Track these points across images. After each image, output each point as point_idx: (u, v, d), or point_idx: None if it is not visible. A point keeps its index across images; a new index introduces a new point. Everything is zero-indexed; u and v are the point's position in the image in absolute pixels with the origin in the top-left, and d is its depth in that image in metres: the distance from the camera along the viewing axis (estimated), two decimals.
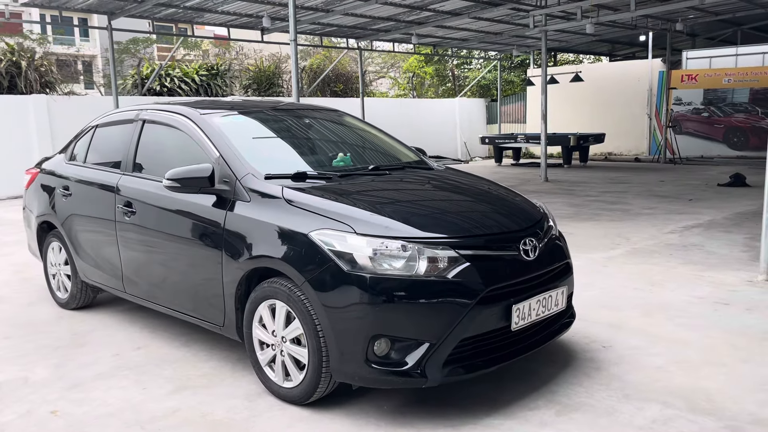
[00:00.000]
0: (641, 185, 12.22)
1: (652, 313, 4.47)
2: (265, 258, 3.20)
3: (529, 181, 13.55)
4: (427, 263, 2.91)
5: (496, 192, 3.83)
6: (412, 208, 3.38)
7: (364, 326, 2.87)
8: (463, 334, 2.90)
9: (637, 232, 7.38)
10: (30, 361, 3.92)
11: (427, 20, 15.19)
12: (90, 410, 3.23)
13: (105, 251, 4.38)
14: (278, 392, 3.26)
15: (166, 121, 4.11)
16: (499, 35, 17.83)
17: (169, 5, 12.42)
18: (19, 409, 3.26)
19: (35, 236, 5.27)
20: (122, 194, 4.16)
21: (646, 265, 5.83)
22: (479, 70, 26.35)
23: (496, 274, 3.03)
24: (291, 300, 3.07)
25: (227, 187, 3.49)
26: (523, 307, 3.07)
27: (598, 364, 3.60)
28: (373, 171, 3.86)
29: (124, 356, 3.97)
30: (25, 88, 14.31)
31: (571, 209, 9.33)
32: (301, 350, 3.10)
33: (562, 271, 3.43)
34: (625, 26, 16.97)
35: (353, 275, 2.88)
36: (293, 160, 3.93)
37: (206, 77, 17.77)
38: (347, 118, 4.77)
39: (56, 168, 5.06)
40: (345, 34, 16.84)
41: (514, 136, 18.40)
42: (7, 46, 15.02)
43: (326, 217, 3.08)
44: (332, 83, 20.97)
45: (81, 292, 4.87)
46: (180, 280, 3.81)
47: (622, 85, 19.83)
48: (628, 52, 24.47)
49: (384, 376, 2.90)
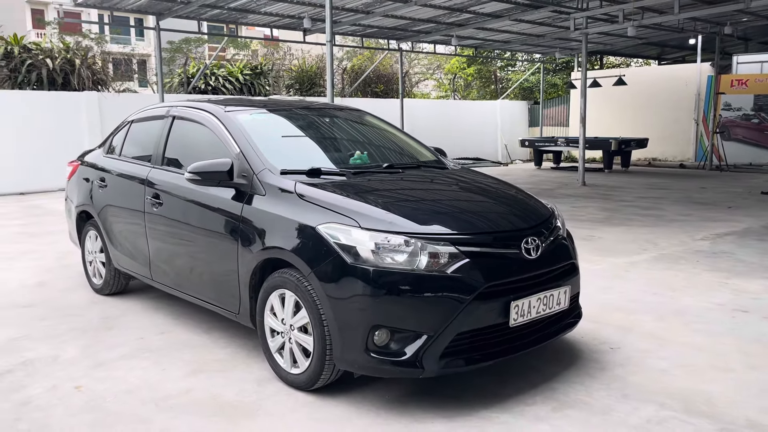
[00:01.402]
0: (680, 191, 11.98)
1: (667, 317, 4.46)
2: (277, 249, 3.35)
3: (566, 185, 13.44)
4: (428, 258, 3.01)
5: (504, 191, 3.90)
6: (418, 205, 3.48)
7: (365, 317, 2.98)
8: (460, 328, 2.99)
9: (667, 238, 7.28)
10: (62, 341, 4.17)
11: (468, 22, 15.21)
12: (110, 387, 3.44)
13: (135, 240, 4.61)
14: (286, 378, 3.40)
15: (193, 117, 4.32)
16: (541, 37, 17.70)
17: (214, 6, 12.80)
18: (46, 384, 3.49)
19: (74, 225, 5.57)
20: (151, 186, 4.39)
21: (670, 271, 5.78)
22: (523, 72, 26.15)
23: (495, 271, 3.11)
24: (299, 290, 3.21)
25: (245, 181, 3.66)
26: (522, 304, 3.14)
27: (603, 364, 3.63)
28: (386, 169, 3.98)
29: (148, 340, 4.19)
30: (78, 85, 14.94)
31: (604, 213, 9.25)
32: (307, 338, 3.24)
33: (566, 271, 3.48)
34: (672, 29, 16.62)
35: (356, 267, 3.00)
36: (311, 157, 4.07)
37: (250, 76, 18.19)
38: (368, 117, 4.90)
39: (95, 160, 5.34)
40: (386, 35, 16.99)
41: (554, 140, 18.22)
42: (63, 44, 15.70)
43: (334, 211, 3.21)
44: (373, 84, 21.16)
45: (114, 278, 5.13)
46: (201, 269, 4.00)
47: (669, 90, 19.42)
48: (677, 56, 23.89)
49: (383, 365, 3.01)
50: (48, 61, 14.61)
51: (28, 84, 14.60)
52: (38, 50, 15.07)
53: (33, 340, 4.21)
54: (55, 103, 13.57)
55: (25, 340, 4.20)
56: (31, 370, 3.69)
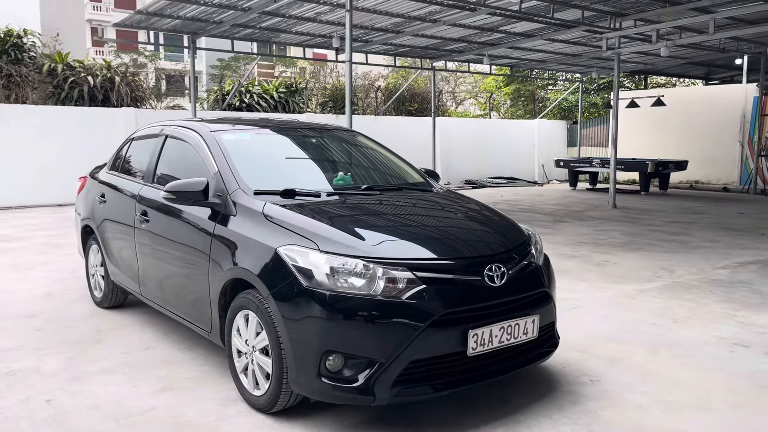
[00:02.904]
0: (715, 216, 11.56)
1: (660, 350, 4.27)
2: (242, 270, 3.36)
3: (596, 207, 13.13)
4: (385, 283, 2.97)
5: (480, 215, 3.82)
6: (384, 228, 3.43)
7: (318, 340, 2.95)
8: (413, 356, 2.93)
9: (685, 266, 7.01)
10: (47, 353, 4.26)
11: (500, 41, 15.13)
12: (79, 401, 3.49)
13: (127, 255, 4.71)
14: (249, 399, 3.39)
15: (181, 136, 4.40)
16: (577, 57, 17.45)
17: (246, 26, 13.09)
18: (20, 396, 3.57)
19: (80, 238, 5.73)
20: (141, 203, 4.47)
21: (678, 300, 5.55)
22: (562, 92, 25.80)
23: (454, 298, 3.03)
24: (260, 311, 3.20)
25: (219, 201, 3.69)
26: (482, 333, 3.05)
27: (576, 397, 3.50)
28: (364, 191, 3.96)
29: (132, 355, 4.25)
30: (117, 102, 15.45)
31: (625, 238, 8.98)
32: (267, 360, 3.22)
33: (536, 300, 3.37)
34: (714, 49, 16.14)
35: (311, 291, 2.98)
36: (292, 178, 4.08)
37: (285, 94, 18.48)
38: (360, 138, 4.90)
39: (99, 176, 5.49)
40: (418, 54, 17.05)
41: (590, 160, 17.88)
42: (105, 62, 16.30)
43: (296, 233, 3.21)
44: (407, 102, 21.22)
45: (112, 292, 5.23)
46: (178, 286, 4.05)
47: (712, 111, 18.84)
48: (725, 76, 23.18)
49: (335, 391, 2.97)
50: (89, 78, 15.18)
51: (70, 100, 15.19)
52: (80, 68, 15.68)
53: (23, 351, 4.32)
54: (95, 118, 14.07)
55: (16, 351, 4.31)
56: (11, 381, 3.78)
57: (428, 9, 11.96)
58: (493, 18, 12.64)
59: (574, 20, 12.36)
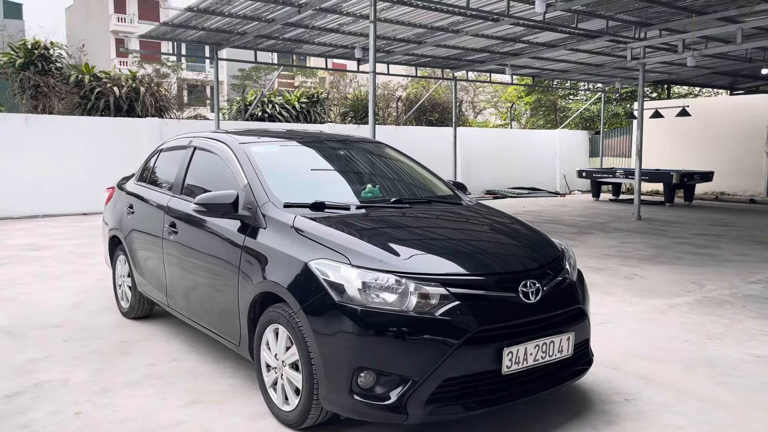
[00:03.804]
0: (743, 229, 11.34)
1: (695, 368, 4.16)
2: (273, 283, 3.33)
3: (620, 219, 12.96)
4: (417, 299, 2.92)
5: (512, 229, 3.76)
6: (415, 242, 3.39)
7: (350, 357, 2.91)
8: (448, 374, 2.87)
9: (715, 280, 6.87)
10: (76, 364, 4.27)
11: (522, 52, 15.05)
12: (108, 414, 3.47)
13: (155, 266, 4.71)
14: (278, 415, 3.35)
15: (210, 148, 4.40)
16: (600, 67, 17.31)
17: (269, 37, 13.16)
18: (50, 408, 3.56)
19: (107, 248, 5.75)
20: (170, 214, 4.48)
21: (711, 316, 5.42)
22: (584, 102, 25.62)
23: (488, 315, 2.98)
24: (290, 326, 3.17)
25: (249, 213, 3.68)
26: (516, 351, 2.99)
27: (611, 417, 3.41)
28: (393, 204, 3.92)
29: (159, 367, 4.24)
30: (142, 112, 15.62)
31: (652, 251, 8.83)
32: (297, 375, 3.19)
33: (571, 317, 3.30)
34: (740, 59, 15.92)
35: (343, 306, 2.94)
36: (321, 191, 4.05)
37: (306, 105, 18.57)
38: (388, 150, 4.86)
39: (127, 187, 5.52)
40: (439, 64, 17.03)
41: (613, 171, 17.68)
42: (131, 73, 16.51)
43: (327, 247, 3.17)
44: (428, 112, 21.20)
45: (139, 303, 5.24)
46: (207, 299, 4.03)
47: (738, 121, 18.59)
48: (751, 86, 22.82)
49: (367, 408, 2.92)
50: (115, 88, 15.38)
51: (96, 110, 15.39)
52: (107, 79, 15.89)
53: (51, 362, 4.33)
54: (120, 128, 14.22)
55: (43, 362, 4.32)
56: (39, 393, 3.78)
57: (451, 20, 11.94)
58: (516, 28, 12.58)
59: (598, 30, 12.26)
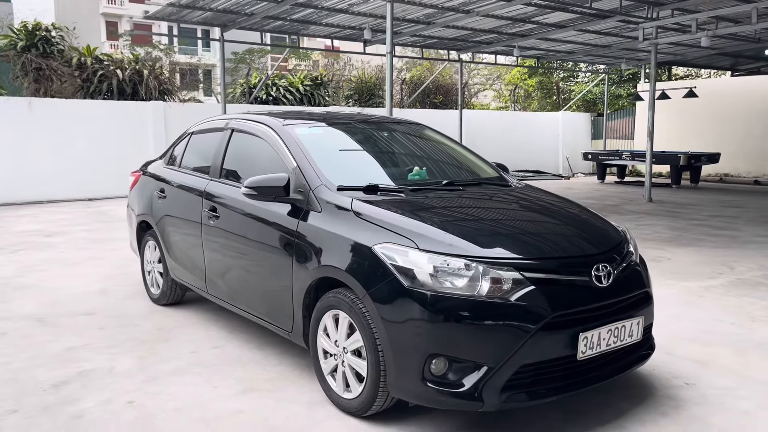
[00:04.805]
0: (756, 210, 11.33)
1: (747, 351, 4.12)
2: (332, 268, 3.24)
3: (631, 201, 12.93)
4: (490, 284, 2.84)
5: (573, 212, 3.68)
6: (480, 225, 3.31)
7: (422, 344, 2.83)
8: (524, 360, 2.80)
9: (743, 262, 6.84)
10: (118, 352, 4.18)
11: (531, 32, 14.90)
12: (162, 403, 3.39)
13: (191, 252, 4.61)
14: (338, 402, 3.28)
15: (252, 130, 4.28)
16: (606, 48, 17.18)
17: (277, 18, 12.95)
18: (100, 397, 3.48)
19: (135, 234, 5.64)
20: (209, 199, 4.37)
21: (749, 298, 5.39)
22: (585, 84, 25.49)
23: (563, 300, 2.90)
24: (353, 311, 3.08)
25: (301, 197, 3.57)
26: (591, 336, 2.92)
27: (677, 402, 3.36)
28: (446, 186, 3.83)
29: (202, 354, 4.15)
30: (146, 95, 15.39)
31: (672, 233, 8.80)
32: (360, 362, 3.11)
33: (639, 301, 3.23)
34: (748, 39, 15.84)
35: (413, 291, 2.86)
36: (369, 173, 3.95)
37: (310, 87, 18.37)
38: (428, 131, 4.76)
39: (155, 171, 5.39)
40: (446, 45, 16.85)
41: (619, 153, 17.63)
42: (133, 55, 16.24)
43: (391, 231, 3.08)
44: (432, 95, 21.03)
45: (171, 289, 5.14)
46: (255, 284, 3.94)
47: (743, 102, 18.51)
48: (752, 67, 22.78)
49: (440, 396, 2.85)
50: (118, 71, 15.12)
51: (99, 93, 15.14)
52: (109, 61, 15.63)
53: (91, 350, 4.24)
54: (124, 112, 14.00)
55: (83, 350, 4.23)
56: (86, 382, 3.69)
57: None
58: (527, 8, 12.43)
59: (610, 10, 12.13)
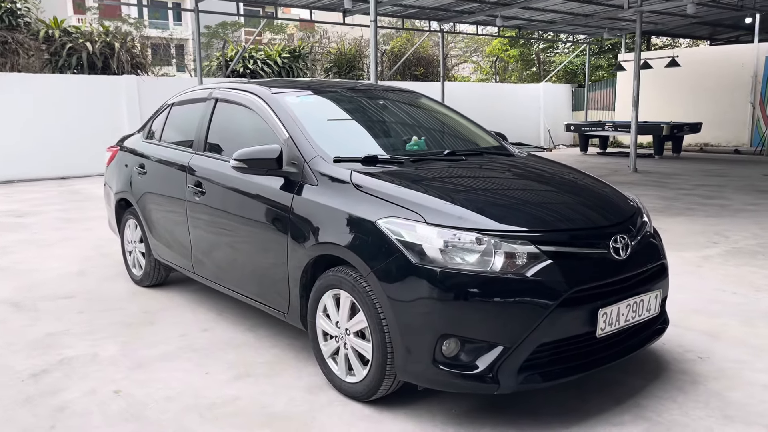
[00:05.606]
0: (742, 179, 11.32)
1: (756, 322, 4.02)
2: (331, 245, 3.03)
3: (617, 172, 12.86)
4: (504, 259, 2.65)
5: (583, 182, 3.50)
6: (489, 197, 3.11)
7: (432, 324, 2.65)
8: (541, 339, 2.63)
9: (737, 230, 6.76)
10: (101, 338, 3.94)
11: (513, 1, 14.62)
12: (151, 392, 3.18)
13: (176, 230, 4.36)
14: (340, 386, 3.10)
15: (238, 99, 4.01)
16: (589, 17, 16.96)
17: None
18: (84, 387, 3.25)
19: (113, 213, 5.35)
20: (193, 174, 4.11)
21: (749, 267, 5.30)
22: (566, 55, 25.31)
23: (581, 274, 2.73)
24: (356, 291, 2.88)
25: (295, 170, 3.34)
26: (611, 311, 2.76)
27: (693, 377, 3.23)
28: (448, 156, 3.62)
29: (190, 337, 3.94)
30: (118, 69, 14.84)
31: (662, 203, 8.72)
32: (365, 344, 2.92)
33: (656, 273, 3.08)
34: (730, 7, 15.73)
35: (422, 268, 2.66)
36: (365, 143, 3.74)
37: (288, 60, 17.91)
38: (424, 100, 4.54)
39: (134, 146, 5.10)
40: (427, 16, 16.49)
41: (602, 124, 17.55)
42: (103, 28, 15.63)
43: (395, 204, 2.87)
44: (413, 67, 20.69)
45: (154, 270, 4.89)
46: (246, 264, 3.71)
47: (723, 72, 18.48)
48: (731, 36, 22.75)
49: (452, 379, 2.67)
50: (88, 44, 14.53)
51: (68, 68, 14.56)
52: (78, 34, 15.01)
53: (71, 335, 4.00)
54: (95, 86, 13.50)
55: (64, 336, 3.98)
56: (68, 371, 3.46)
57: None
58: None
59: None
